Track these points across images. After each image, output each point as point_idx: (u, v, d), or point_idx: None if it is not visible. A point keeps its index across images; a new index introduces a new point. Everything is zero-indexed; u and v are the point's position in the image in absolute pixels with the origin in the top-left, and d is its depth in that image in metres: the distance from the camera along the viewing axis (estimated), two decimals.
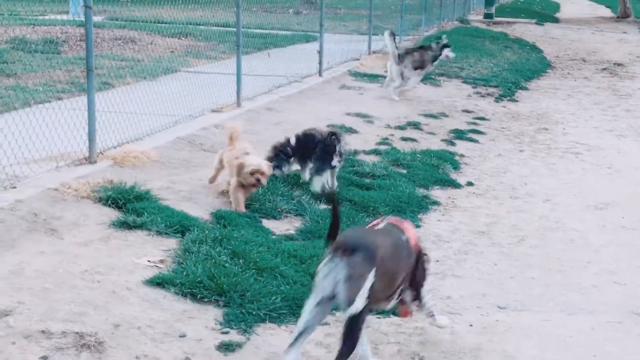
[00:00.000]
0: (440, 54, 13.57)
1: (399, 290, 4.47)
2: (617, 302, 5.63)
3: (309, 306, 4.09)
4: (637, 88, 16.37)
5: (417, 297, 4.72)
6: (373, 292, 3.98)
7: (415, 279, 4.65)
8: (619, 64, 20.27)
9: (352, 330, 3.98)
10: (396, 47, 13.11)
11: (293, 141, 7.35)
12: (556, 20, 34.61)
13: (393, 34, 13.37)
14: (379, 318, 5.13)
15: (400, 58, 12.98)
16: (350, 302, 3.92)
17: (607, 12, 41.20)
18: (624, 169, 9.62)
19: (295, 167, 7.47)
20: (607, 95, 15.42)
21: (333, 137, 7.23)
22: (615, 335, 5.08)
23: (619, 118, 13.00)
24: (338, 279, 3.95)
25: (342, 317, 5.00)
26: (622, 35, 27.51)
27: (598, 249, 6.80)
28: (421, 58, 13.31)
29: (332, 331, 4.84)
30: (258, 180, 6.48)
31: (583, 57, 21.55)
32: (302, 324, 4.09)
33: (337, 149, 7.19)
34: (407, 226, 4.71)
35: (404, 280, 4.48)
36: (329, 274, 3.99)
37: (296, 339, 4.07)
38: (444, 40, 13.89)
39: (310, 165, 7.29)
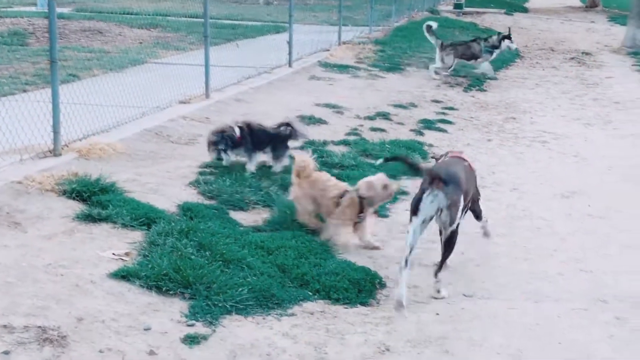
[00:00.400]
0: (499, 45, 15.23)
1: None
2: (583, 290, 5.67)
3: (415, 225, 5.31)
4: (605, 77, 16.49)
5: (478, 208, 6.22)
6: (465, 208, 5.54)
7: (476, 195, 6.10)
8: (587, 53, 20.41)
9: (452, 239, 5.54)
10: (437, 36, 15.12)
11: (237, 132, 7.33)
12: (525, 10, 34.80)
13: (430, 27, 15.19)
14: (346, 308, 5.14)
15: (443, 47, 14.98)
16: (452, 222, 5.37)
17: (575, 2, 41.45)
18: (591, 157, 9.69)
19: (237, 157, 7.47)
20: (574, 84, 15.52)
21: (286, 127, 7.36)
22: (581, 323, 5.12)
23: (586, 107, 13.09)
24: (442, 206, 5.25)
25: (310, 307, 5.07)
26: (590, 25, 27.71)
27: (564, 237, 6.84)
28: (467, 50, 15.16)
29: (298, 322, 4.84)
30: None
31: (551, 47, 21.68)
32: (410, 242, 5.29)
33: (293, 135, 7.50)
34: (464, 156, 6.12)
35: (472, 196, 5.85)
36: (434, 202, 5.24)
37: (407, 258, 5.23)
38: (505, 33, 15.60)
39: (261, 155, 7.33)
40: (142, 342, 4.32)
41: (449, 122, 11.19)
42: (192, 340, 4.44)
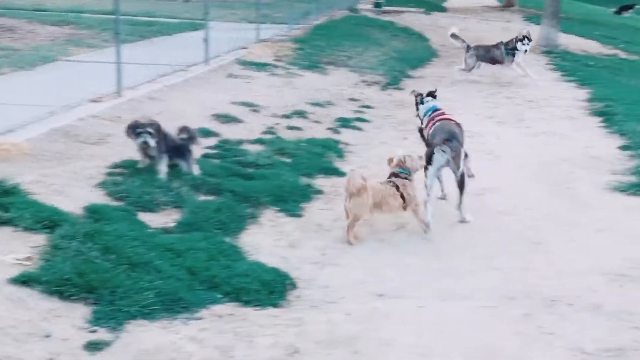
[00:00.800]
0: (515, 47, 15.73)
1: None
2: (491, 287, 5.73)
3: (431, 172, 7.14)
4: (518, 75, 16.74)
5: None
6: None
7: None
8: None
9: (463, 179, 7.23)
10: (462, 40, 16.04)
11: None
12: (444, 10, 35.19)
13: (454, 34, 16.28)
14: (256, 310, 5.08)
15: (468, 48, 15.79)
16: (458, 167, 7.14)
17: (492, 2, 42.07)
18: (503, 155, 9.83)
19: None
20: (489, 83, 15.74)
21: (184, 131, 7.27)
22: (490, 320, 5.17)
23: (499, 105, 13.29)
24: (449, 158, 7.08)
25: (218, 310, 4.99)
26: (506, 24, 28.12)
27: (475, 234, 6.91)
28: (487, 54, 15.82)
29: (206, 326, 4.76)
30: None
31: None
32: (429, 184, 7.11)
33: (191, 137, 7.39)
34: (454, 118, 7.89)
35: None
36: (444, 155, 7.06)
37: (429, 194, 7.06)
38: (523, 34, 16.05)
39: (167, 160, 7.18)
40: (42, 350, 4.18)
41: (366, 121, 11.22)
42: (94, 346, 4.32)
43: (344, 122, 10.80)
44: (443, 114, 8.07)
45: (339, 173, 8.42)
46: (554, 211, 7.63)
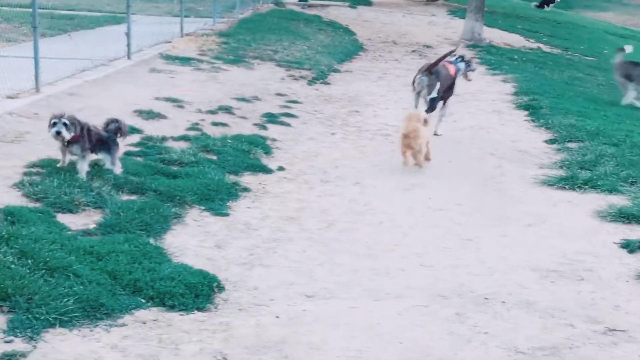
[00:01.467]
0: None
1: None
2: (423, 286, 5.63)
3: (414, 98, 10.17)
4: None
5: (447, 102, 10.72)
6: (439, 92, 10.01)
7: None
8: (428, 46, 20.84)
9: (432, 104, 10.02)
10: None
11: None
12: (369, 3, 35.16)
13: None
14: (182, 315, 4.87)
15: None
16: (430, 93, 9.83)
17: None
18: (431, 149, 9.75)
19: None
20: None
21: (114, 123, 6.98)
22: (422, 320, 5.06)
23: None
24: (425, 85, 9.88)
25: (142, 316, 4.77)
26: (431, 18, 28.29)
27: (406, 231, 6.82)
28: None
29: (129, 333, 4.53)
30: None
31: (394, 40, 22.00)
32: (414, 104, 10.10)
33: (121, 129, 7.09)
34: (451, 66, 10.57)
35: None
36: (421, 81, 9.87)
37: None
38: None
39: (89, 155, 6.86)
40: None
41: (293, 116, 11.05)
42: (9, 358, 4.05)
43: (271, 118, 10.62)
44: (447, 62, 10.59)
45: (266, 170, 8.25)
46: (483, 206, 7.59)
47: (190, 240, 6.10)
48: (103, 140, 6.92)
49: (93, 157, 6.92)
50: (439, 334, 4.87)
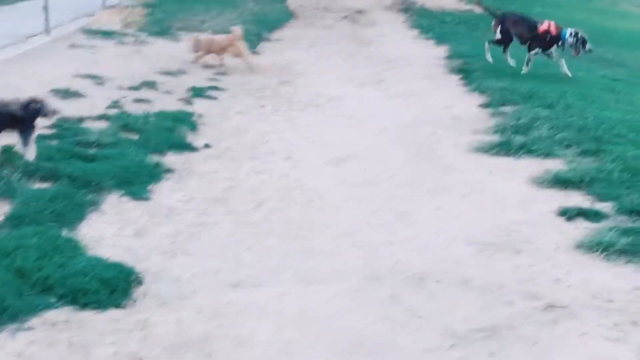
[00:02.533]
0: None
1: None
2: (356, 267, 5.35)
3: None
4: (377, 35, 16.55)
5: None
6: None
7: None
8: (360, 12, 20.47)
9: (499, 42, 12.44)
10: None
11: None
12: None
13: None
14: (96, 314, 4.49)
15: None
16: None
17: None
18: (365, 118, 9.50)
19: None
20: (348, 43, 15.43)
21: (33, 104, 6.47)
22: (354, 305, 4.77)
23: (359, 66, 12.97)
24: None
25: (52, 317, 4.39)
26: None
27: (338, 208, 6.53)
28: None
29: (37, 337, 4.16)
30: None
31: (325, 6, 21.56)
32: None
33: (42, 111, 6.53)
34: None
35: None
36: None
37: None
38: None
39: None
40: None
41: (221, 89, 10.64)
42: None
43: (198, 92, 10.19)
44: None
45: (192, 148, 7.86)
46: (418, 177, 7.34)
47: (108, 229, 5.71)
48: (17, 119, 6.43)
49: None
50: (372, 320, 4.60)
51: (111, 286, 4.76)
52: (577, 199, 6.67)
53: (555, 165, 7.51)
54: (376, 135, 8.79)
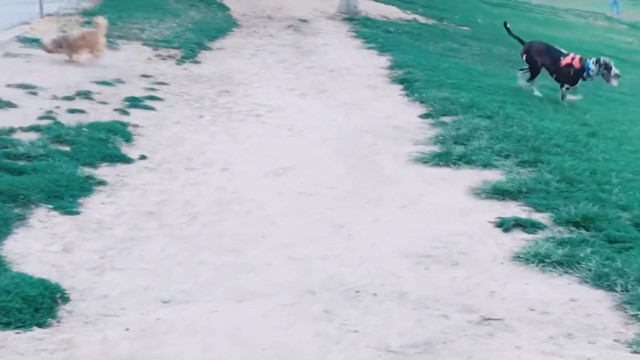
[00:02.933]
0: None
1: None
2: (291, 281, 5.23)
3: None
4: (320, 44, 16.50)
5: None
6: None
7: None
8: (304, 20, 20.42)
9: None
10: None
11: None
12: None
13: None
14: (18, 334, 4.31)
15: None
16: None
17: None
18: (305, 129, 9.39)
19: None
20: (291, 52, 15.34)
21: None
22: (288, 321, 4.65)
23: (301, 76, 12.87)
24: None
25: None
26: None
27: (275, 220, 6.40)
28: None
29: None
30: None
31: (269, 15, 21.47)
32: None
33: None
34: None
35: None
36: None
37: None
38: None
39: None
40: None
41: (159, 99, 10.42)
42: None
43: (134, 102, 9.97)
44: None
45: (126, 160, 7.66)
46: (357, 188, 7.26)
47: (35, 245, 5.51)
48: None
49: None
50: (305, 336, 4.48)
51: (35, 304, 4.58)
52: (515, 210, 6.66)
53: (494, 175, 7.50)
54: (316, 146, 8.69)
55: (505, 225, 6.23)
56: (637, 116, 12.24)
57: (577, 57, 11.88)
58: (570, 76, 11.80)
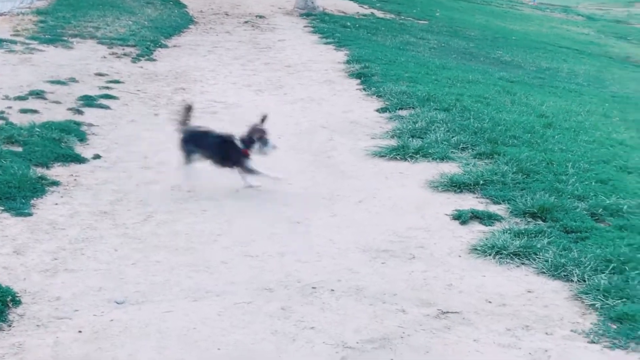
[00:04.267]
0: None
1: None
2: (247, 279, 5.18)
3: None
4: (277, 40, 16.42)
5: None
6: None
7: None
8: (261, 17, 20.33)
9: None
10: None
11: None
12: None
13: None
14: None
15: None
16: None
17: None
18: None
19: None
20: (247, 48, 15.24)
21: None
22: (244, 319, 4.60)
23: (257, 72, 12.79)
24: None
25: None
26: None
27: (231, 218, 6.33)
28: None
29: None
30: None
31: (226, 11, 21.34)
32: None
33: None
34: None
35: None
36: None
37: None
38: None
39: None
40: None
41: (114, 97, 10.28)
42: None
43: (88, 101, 9.82)
44: None
45: (80, 159, 7.54)
46: (314, 184, 7.24)
47: None
48: None
49: None
50: (262, 334, 4.44)
51: None
52: (472, 202, 6.67)
53: (450, 168, 7.51)
54: (274, 141, 8.59)
55: (462, 217, 6.24)
56: (593, 106, 12.34)
57: None
58: None
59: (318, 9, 21.87)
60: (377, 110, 10.06)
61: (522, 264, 5.41)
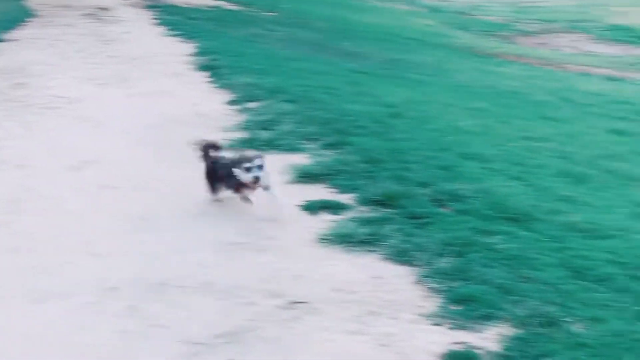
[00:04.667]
0: None
1: None
2: (93, 279, 5.02)
3: None
4: (122, 32, 16.02)
5: None
6: None
7: None
8: (104, 9, 19.77)
9: None
10: None
11: None
12: None
13: None
14: None
15: None
16: None
17: None
18: (106, 120, 9.06)
19: None
20: (91, 41, 14.77)
21: None
22: (91, 320, 4.47)
23: (101, 65, 12.41)
24: None
25: None
26: None
27: (75, 217, 6.12)
28: None
29: None
30: None
31: (68, 3, 20.59)
32: None
33: None
34: None
35: None
36: None
37: None
38: None
39: None
40: None
41: None
42: None
43: None
44: None
45: None
46: (163, 179, 7.08)
47: None
48: None
49: None
50: (109, 334, 4.33)
51: None
52: (322, 192, 6.72)
53: (300, 159, 7.55)
54: (119, 137, 8.40)
55: (311, 208, 6.28)
56: (437, 96, 12.71)
57: None
58: None
59: (164, 1, 21.50)
60: (227, 103, 9.99)
61: (369, 251, 5.49)
